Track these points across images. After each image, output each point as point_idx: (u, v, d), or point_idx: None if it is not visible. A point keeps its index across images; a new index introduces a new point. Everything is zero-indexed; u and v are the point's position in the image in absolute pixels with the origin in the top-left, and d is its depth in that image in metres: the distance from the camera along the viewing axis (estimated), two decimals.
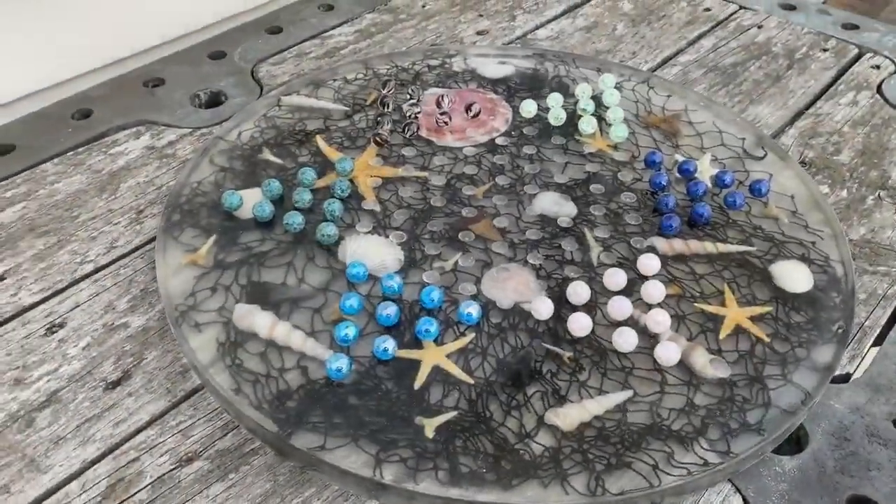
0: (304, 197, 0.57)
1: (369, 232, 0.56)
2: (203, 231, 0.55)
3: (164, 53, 0.79)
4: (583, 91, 0.68)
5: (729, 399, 0.46)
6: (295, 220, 0.55)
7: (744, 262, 0.55)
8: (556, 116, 0.66)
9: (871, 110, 0.72)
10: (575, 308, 0.51)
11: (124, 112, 0.69)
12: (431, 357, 0.48)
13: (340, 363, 0.45)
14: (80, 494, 0.42)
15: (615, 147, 0.65)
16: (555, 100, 0.67)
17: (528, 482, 0.42)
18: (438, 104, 0.66)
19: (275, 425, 0.43)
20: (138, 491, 0.42)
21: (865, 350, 0.51)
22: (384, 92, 0.68)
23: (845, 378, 0.50)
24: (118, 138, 0.67)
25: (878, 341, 0.52)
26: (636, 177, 0.61)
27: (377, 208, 0.58)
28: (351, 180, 0.59)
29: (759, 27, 0.84)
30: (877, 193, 0.63)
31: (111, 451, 0.44)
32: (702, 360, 0.48)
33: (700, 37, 0.83)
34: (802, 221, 0.58)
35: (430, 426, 0.44)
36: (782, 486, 0.44)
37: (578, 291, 0.51)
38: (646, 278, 0.53)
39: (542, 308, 0.50)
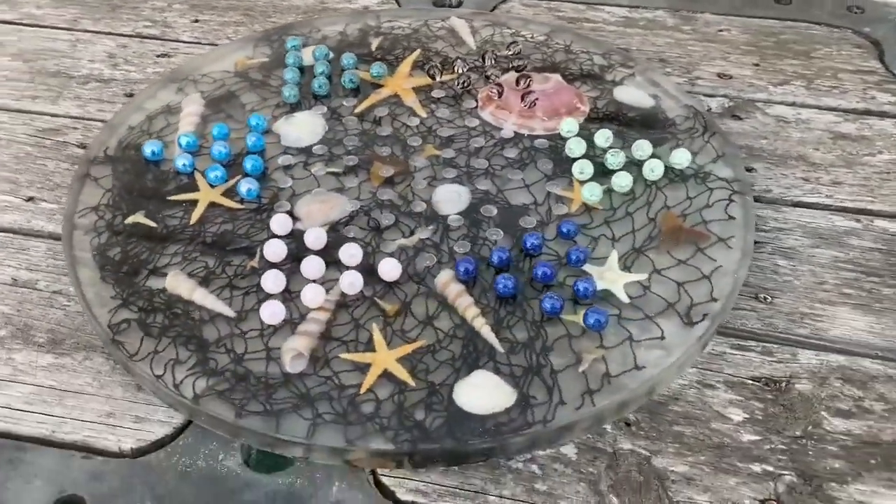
0: (322, 81, 0.66)
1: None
2: None
3: None
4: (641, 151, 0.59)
5: None
6: (291, 88, 0.65)
7: (469, 338, 0.47)
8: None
9: None
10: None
11: None
12: (382, 361, 0.46)
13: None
14: None
15: (586, 206, 0.56)
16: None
17: None
18: (518, 81, 0.65)
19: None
20: None
21: None
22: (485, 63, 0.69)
23: None
24: None
25: None
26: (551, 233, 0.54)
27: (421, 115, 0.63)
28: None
29: None
30: None
31: None
32: (287, 357, 0.46)
33: None
34: None
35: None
36: None
37: (353, 252, 0.51)
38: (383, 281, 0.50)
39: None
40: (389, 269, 0.50)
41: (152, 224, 0.55)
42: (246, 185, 0.55)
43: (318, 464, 0.43)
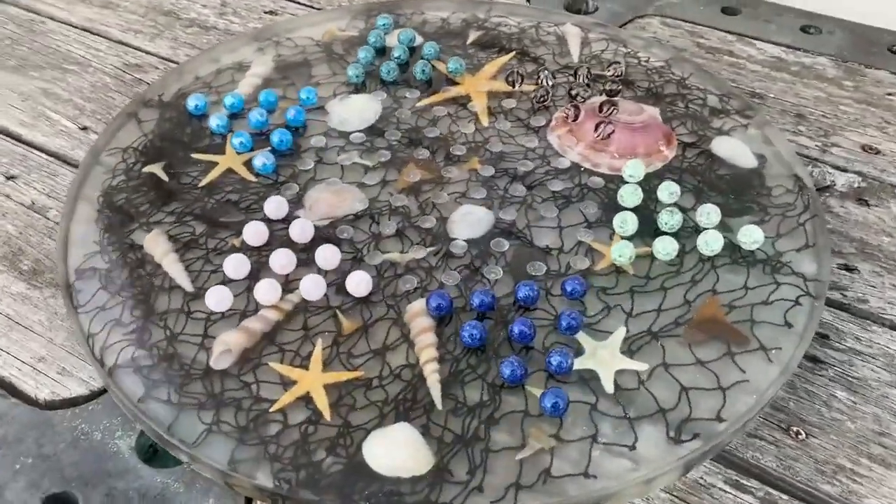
0: (390, 66, 0.61)
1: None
2: None
3: None
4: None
5: None
6: (357, 68, 0.62)
7: (412, 384, 0.41)
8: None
9: None
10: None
11: None
12: (309, 382, 0.42)
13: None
14: None
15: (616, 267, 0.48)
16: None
17: None
18: (601, 107, 0.57)
19: None
20: None
21: None
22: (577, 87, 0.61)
23: None
24: None
25: None
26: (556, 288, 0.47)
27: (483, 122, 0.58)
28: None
29: None
30: None
31: None
32: (217, 349, 0.43)
33: None
34: None
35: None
36: None
37: (328, 255, 0.47)
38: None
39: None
40: (357, 282, 0.45)
41: (164, 178, 0.53)
42: (261, 160, 0.53)
43: (203, 474, 0.40)
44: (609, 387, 0.42)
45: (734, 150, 0.56)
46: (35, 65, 0.67)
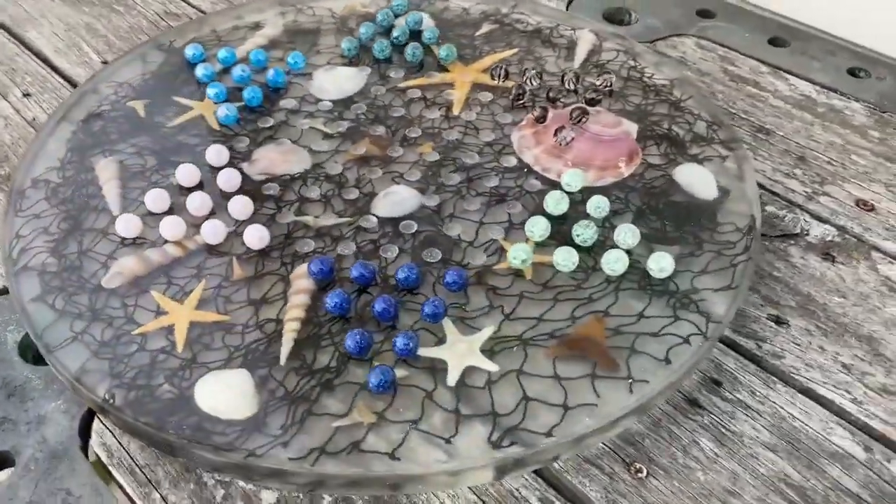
0: (383, 45, 0.63)
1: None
2: None
3: None
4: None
5: None
6: (351, 41, 0.64)
7: (269, 336, 0.42)
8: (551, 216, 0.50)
9: None
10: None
11: None
12: (177, 315, 0.44)
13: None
14: None
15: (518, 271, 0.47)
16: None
17: None
18: (571, 114, 0.56)
19: None
20: None
21: None
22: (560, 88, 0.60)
23: None
24: None
25: None
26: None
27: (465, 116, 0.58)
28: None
29: None
30: None
31: None
32: (112, 269, 0.46)
33: None
34: None
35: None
36: None
37: (240, 207, 0.50)
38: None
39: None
40: (252, 235, 0.47)
41: (142, 114, 0.57)
42: (224, 111, 0.56)
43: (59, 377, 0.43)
44: (451, 380, 0.41)
45: (697, 178, 0.53)
46: (90, 1, 0.73)
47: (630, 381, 0.41)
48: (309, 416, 0.40)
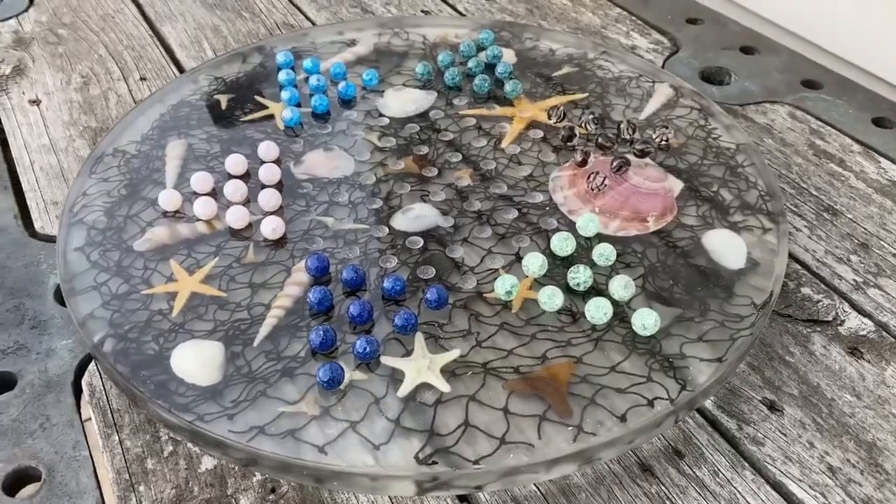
0: (454, 73, 0.65)
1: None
2: None
3: None
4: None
5: None
6: (426, 66, 0.66)
7: (253, 319, 0.45)
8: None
9: None
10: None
11: None
12: (187, 284, 0.48)
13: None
14: None
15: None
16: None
17: None
18: (612, 163, 0.56)
19: None
20: None
21: None
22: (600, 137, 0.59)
23: None
24: None
25: None
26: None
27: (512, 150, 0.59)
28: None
29: None
30: None
31: None
32: (143, 234, 0.51)
33: None
34: None
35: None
36: None
37: (268, 198, 0.54)
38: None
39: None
40: (267, 225, 0.50)
41: (223, 106, 0.63)
42: (288, 113, 0.60)
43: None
44: (402, 392, 0.42)
45: (727, 246, 0.51)
46: (224, 6, 0.81)
47: (574, 429, 0.40)
48: (261, 397, 0.42)
